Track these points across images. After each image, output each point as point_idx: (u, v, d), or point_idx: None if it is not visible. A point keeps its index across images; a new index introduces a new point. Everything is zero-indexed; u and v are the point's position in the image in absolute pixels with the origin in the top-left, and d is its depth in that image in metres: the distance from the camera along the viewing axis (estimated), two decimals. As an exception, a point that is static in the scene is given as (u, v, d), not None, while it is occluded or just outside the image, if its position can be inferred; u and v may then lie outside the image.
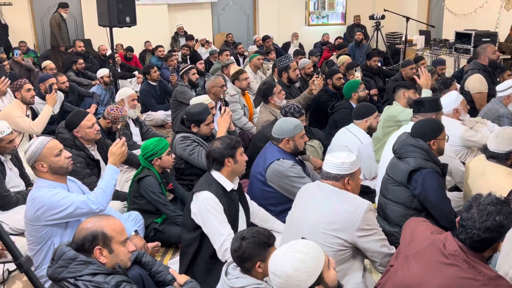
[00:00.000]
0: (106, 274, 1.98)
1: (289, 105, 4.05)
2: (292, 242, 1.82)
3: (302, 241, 1.81)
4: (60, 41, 9.75)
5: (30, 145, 2.80)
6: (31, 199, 2.75)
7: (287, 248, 1.78)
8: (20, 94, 5.05)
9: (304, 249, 1.75)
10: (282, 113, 4.03)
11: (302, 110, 4.01)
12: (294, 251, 1.75)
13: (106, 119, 4.46)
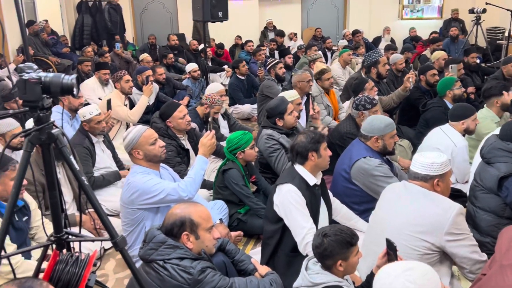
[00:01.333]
0: (192, 259, 2.08)
1: (359, 98, 3.94)
2: (409, 266, 1.60)
3: (421, 269, 1.59)
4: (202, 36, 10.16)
5: (128, 133, 3.00)
6: (127, 184, 2.95)
7: (402, 271, 1.58)
8: (120, 84, 5.41)
9: (419, 281, 1.54)
10: (353, 106, 3.94)
11: (374, 101, 3.89)
12: (408, 280, 1.54)
13: (203, 104, 4.67)
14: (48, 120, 1.68)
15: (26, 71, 1.62)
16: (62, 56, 9.69)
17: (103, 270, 3.19)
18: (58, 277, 1.76)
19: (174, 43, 9.44)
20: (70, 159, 1.72)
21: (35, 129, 1.66)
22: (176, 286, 2.01)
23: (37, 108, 1.64)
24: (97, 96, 6.27)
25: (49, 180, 1.79)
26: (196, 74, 7.13)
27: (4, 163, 2.65)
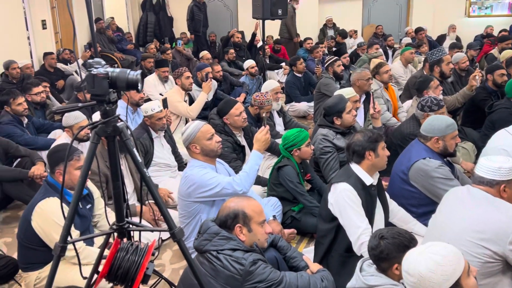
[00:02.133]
0: (244, 251, 2.11)
1: (425, 98, 3.80)
2: (430, 243, 1.76)
3: (441, 244, 1.75)
4: (294, 32, 10.32)
5: (186, 128, 3.08)
6: (184, 177, 3.04)
7: (425, 248, 1.74)
8: (180, 81, 5.55)
9: (442, 251, 1.70)
10: (418, 108, 3.80)
11: (441, 103, 3.74)
12: (432, 253, 1.70)
13: (253, 106, 4.70)
14: (114, 113, 1.76)
15: (95, 66, 1.70)
16: (127, 52, 10.08)
17: (160, 260, 3.30)
18: (119, 264, 1.84)
19: (238, 40, 9.55)
20: (133, 151, 1.79)
21: (102, 122, 1.75)
22: (229, 276, 2.05)
23: (104, 102, 1.72)
24: (158, 92, 6.47)
25: (113, 171, 1.88)
26: (254, 71, 7.18)
27: (70, 153, 2.80)
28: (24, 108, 4.78)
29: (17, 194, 3.93)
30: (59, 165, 2.82)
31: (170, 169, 4.27)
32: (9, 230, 3.83)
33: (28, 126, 4.85)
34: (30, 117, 5.01)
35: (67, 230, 1.81)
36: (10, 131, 4.53)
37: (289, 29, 10.01)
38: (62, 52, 8.19)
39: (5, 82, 6.70)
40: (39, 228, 2.74)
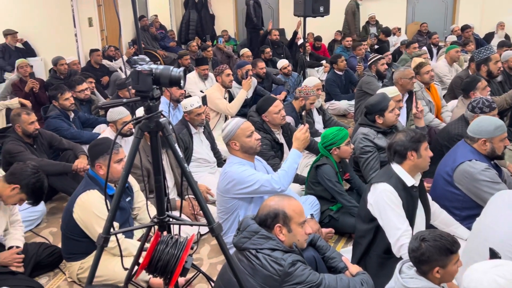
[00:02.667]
0: (284, 251, 2.10)
1: (477, 99, 3.67)
2: (498, 262, 1.65)
3: (511, 265, 1.62)
4: (353, 29, 10.30)
5: (226, 125, 3.11)
6: (223, 173, 3.07)
7: (490, 267, 1.62)
8: (221, 78, 5.61)
9: (509, 275, 1.58)
10: (469, 109, 3.68)
11: (493, 105, 3.60)
12: (497, 275, 1.58)
13: (298, 98, 4.70)
14: (157, 109, 1.80)
15: (139, 63, 1.75)
16: (169, 50, 10.27)
17: (198, 254, 3.35)
18: (159, 256, 1.88)
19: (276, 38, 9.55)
20: (175, 146, 1.83)
21: (145, 118, 1.79)
22: (267, 276, 2.05)
23: (148, 98, 1.76)
24: (199, 89, 6.56)
25: (155, 166, 1.92)
26: (287, 71, 7.16)
27: (107, 147, 2.88)
28: (71, 103, 4.95)
29: (62, 186, 4.07)
30: (99, 158, 2.90)
31: (209, 165, 4.32)
32: (54, 220, 3.98)
33: (74, 121, 5.02)
34: (77, 112, 5.18)
35: (110, 222, 1.86)
36: (57, 125, 4.70)
37: (349, 25, 9.83)
38: (107, 49, 8.43)
39: (53, 78, 6.97)
40: (80, 220, 2.83)
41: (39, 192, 2.83)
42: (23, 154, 3.90)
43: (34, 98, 6.33)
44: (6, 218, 2.95)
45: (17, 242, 3.02)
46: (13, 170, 2.81)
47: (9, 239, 3.03)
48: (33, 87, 6.37)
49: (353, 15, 9.73)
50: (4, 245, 3.02)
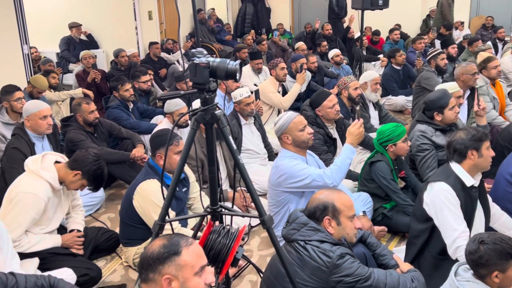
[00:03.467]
0: (332, 243, 2.10)
1: None
2: None
3: None
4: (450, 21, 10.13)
5: (279, 119, 3.12)
6: (275, 166, 3.08)
7: None
8: (275, 71, 5.61)
9: None
10: None
11: None
12: None
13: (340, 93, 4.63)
14: (213, 102, 1.83)
15: (197, 56, 1.78)
16: (225, 43, 10.39)
17: (248, 245, 3.39)
18: (211, 245, 1.92)
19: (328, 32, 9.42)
20: (229, 139, 1.86)
21: (201, 109, 1.82)
22: (315, 267, 2.05)
23: (204, 90, 1.79)
24: (253, 82, 6.60)
25: (209, 157, 1.96)
26: (339, 59, 7.05)
27: (168, 138, 2.96)
28: (131, 94, 5.13)
29: (120, 174, 4.24)
30: (160, 149, 2.99)
31: (259, 157, 4.35)
32: (113, 206, 4.16)
33: (133, 111, 5.20)
34: (136, 103, 5.36)
35: (165, 210, 1.92)
36: (117, 115, 4.89)
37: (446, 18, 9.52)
38: (166, 42, 8.65)
39: (114, 69, 7.25)
40: (139, 207, 2.94)
41: (99, 178, 2.95)
42: (84, 143, 4.09)
43: (96, 89, 6.63)
44: (69, 202, 3.11)
45: (78, 226, 3.18)
46: (76, 157, 2.95)
47: (71, 222, 3.19)
48: (95, 78, 6.66)
49: (449, 7, 9.41)
50: (66, 228, 3.19)
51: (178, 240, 1.57)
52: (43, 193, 2.77)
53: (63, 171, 2.89)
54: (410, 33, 10.49)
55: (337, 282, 2.03)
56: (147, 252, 1.55)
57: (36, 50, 7.70)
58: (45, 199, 2.78)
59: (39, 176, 2.81)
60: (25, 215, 2.71)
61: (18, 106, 4.28)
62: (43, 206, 2.79)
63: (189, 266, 1.54)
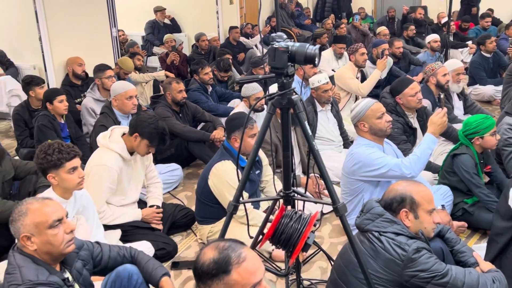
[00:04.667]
0: (408, 237, 2.03)
1: None
2: None
3: None
4: None
5: (356, 105, 3.05)
6: (350, 154, 3.03)
7: None
8: (354, 57, 5.48)
9: None
10: None
11: None
12: None
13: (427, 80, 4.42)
14: (290, 86, 1.83)
15: (277, 40, 1.78)
16: (304, 27, 10.29)
17: (319, 232, 3.38)
18: (282, 229, 1.94)
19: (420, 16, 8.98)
20: (305, 124, 1.85)
21: (278, 94, 1.83)
22: (389, 259, 2.00)
23: (282, 75, 1.79)
24: (331, 68, 6.49)
25: (284, 142, 1.96)
26: (436, 45, 6.69)
27: (243, 121, 3.00)
28: (210, 77, 5.26)
29: (199, 153, 4.39)
30: (235, 131, 3.05)
31: (333, 144, 4.30)
32: (189, 185, 4.32)
33: (212, 94, 5.34)
34: (214, 86, 5.50)
35: (240, 191, 1.96)
36: (196, 97, 5.05)
37: None
38: (245, 27, 8.73)
39: (195, 53, 7.46)
40: (214, 187, 3.03)
41: (157, 134, 3.06)
42: (169, 119, 4.29)
43: (176, 71, 6.87)
44: (143, 173, 3.30)
45: (157, 201, 3.34)
46: (132, 122, 3.13)
47: (150, 198, 3.37)
48: (174, 60, 6.90)
49: None
50: (146, 202, 3.37)
51: (230, 255, 1.41)
52: (113, 163, 2.98)
53: (127, 140, 3.08)
54: (503, 18, 9.74)
55: (411, 276, 1.98)
56: (198, 262, 1.45)
57: (124, 33, 8.09)
58: (116, 169, 2.99)
59: (109, 148, 3.03)
60: (101, 186, 2.91)
61: (109, 83, 4.59)
62: (115, 176, 2.99)
63: (239, 285, 1.40)
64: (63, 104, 4.14)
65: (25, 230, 1.83)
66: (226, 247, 1.44)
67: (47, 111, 4.15)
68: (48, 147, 2.48)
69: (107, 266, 2.17)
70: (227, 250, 1.43)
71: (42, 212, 1.85)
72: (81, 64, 5.23)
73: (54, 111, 4.15)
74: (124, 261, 2.20)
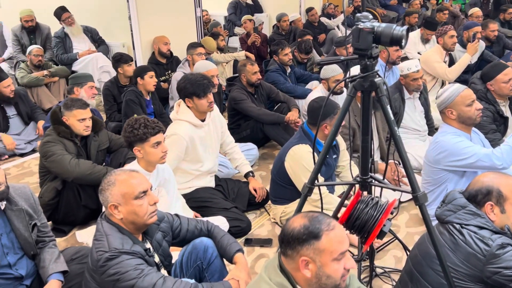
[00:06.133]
0: (493, 231, 1.92)
1: None
2: None
3: None
4: None
5: (444, 91, 2.89)
6: (434, 142, 2.90)
7: None
8: (443, 40, 5.18)
9: None
10: None
11: None
12: None
13: None
14: (373, 69, 1.77)
15: (362, 20, 1.73)
16: (389, 8, 9.89)
17: (396, 220, 3.29)
18: (357, 215, 1.91)
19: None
20: (387, 108, 1.79)
21: (360, 76, 1.78)
22: (470, 253, 1.90)
23: (366, 57, 1.74)
24: (417, 51, 6.20)
25: (364, 126, 1.92)
26: None
27: (333, 108, 2.93)
28: (289, 58, 5.24)
29: (274, 135, 4.40)
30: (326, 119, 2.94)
31: (418, 134, 4.11)
32: (264, 165, 4.37)
33: (290, 75, 5.32)
34: (293, 67, 5.46)
35: (315, 174, 1.95)
36: (275, 78, 5.06)
37: None
38: (327, 7, 8.55)
39: (275, 34, 7.45)
40: (290, 169, 3.04)
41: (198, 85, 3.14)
42: (244, 102, 4.34)
43: (256, 52, 6.90)
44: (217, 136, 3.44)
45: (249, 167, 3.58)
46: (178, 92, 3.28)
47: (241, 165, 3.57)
48: (255, 41, 6.93)
49: None
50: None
51: (320, 222, 1.50)
52: (183, 131, 3.13)
53: (190, 106, 3.20)
54: None
55: (493, 273, 1.87)
56: (288, 228, 1.52)
57: (207, 13, 8.25)
58: (185, 137, 3.13)
59: (179, 119, 3.20)
60: (170, 154, 2.97)
61: (198, 59, 4.75)
62: (184, 144, 3.13)
63: (328, 252, 1.48)
64: (153, 79, 4.40)
65: (113, 199, 1.95)
66: (316, 216, 1.53)
67: (135, 87, 4.39)
68: (135, 122, 2.62)
69: (185, 238, 2.27)
70: (317, 218, 1.52)
71: (129, 184, 1.96)
72: (167, 43, 5.42)
73: (143, 87, 4.39)
74: (201, 235, 2.28)
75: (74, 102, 3.22)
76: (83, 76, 4.16)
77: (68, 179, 3.15)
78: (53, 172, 3.17)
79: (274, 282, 1.52)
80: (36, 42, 6.24)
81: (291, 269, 1.53)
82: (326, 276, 1.49)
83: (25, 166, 4.52)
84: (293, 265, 1.52)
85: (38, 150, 3.27)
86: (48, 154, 3.12)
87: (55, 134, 3.19)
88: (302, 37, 6.15)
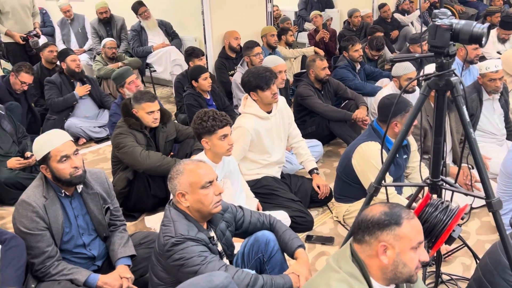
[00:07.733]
0: None
1: None
2: None
3: None
4: None
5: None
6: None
7: None
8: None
9: None
10: None
11: None
12: None
13: None
14: (450, 67, 1.70)
15: (440, 17, 1.66)
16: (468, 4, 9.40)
17: (466, 227, 3.14)
18: (425, 218, 1.84)
19: None
20: (462, 109, 1.71)
21: (436, 75, 1.71)
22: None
23: (442, 54, 1.67)
24: (496, 50, 5.85)
25: (437, 126, 1.84)
26: None
27: (405, 105, 2.84)
28: (360, 55, 5.13)
29: (340, 132, 4.34)
30: (397, 116, 2.88)
31: (496, 138, 3.88)
32: (329, 162, 4.32)
33: (359, 72, 5.21)
34: (363, 64, 5.35)
35: (383, 173, 1.91)
36: (343, 75, 4.98)
37: None
38: (402, 3, 8.27)
39: (346, 29, 7.32)
40: (357, 166, 2.98)
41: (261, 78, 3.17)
42: (311, 98, 4.31)
43: (324, 47, 6.83)
44: (285, 129, 3.48)
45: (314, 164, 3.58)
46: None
47: (306, 161, 3.56)
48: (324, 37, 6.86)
49: None
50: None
51: (400, 211, 1.52)
52: (248, 124, 3.20)
53: (255, 99, 3.25)
54: None
55: None
56: (367, 215, 1.53)
57: (277, 8, 8.25)
58: (250, 130, 3.19)
59: (245, 113, 3.27)
60: (236, 146, 3.03)
61: (257, 60, 4.75)
62: (249, 136, 3.19)
63: (407, 239, 1.48)
64: (207, 81, 4.34)
65: (181, 188, 2.02)
66: (395, 205, 1.56)
67: (192, 90, 4.39)
68: (204, 114, 2.69)
69: (247, 230, 2.30)
70: (397, 206, 1.55)
71: (196, 173, 2.03)
72: (237, 37, 5.49)
73: (199, 88, 4.39)
74: (263, 228, 2.31)
75: (143, 95, 3.35)
76: (119, 77, 4.25)
77: (139, 170, 3.29)
78: (125, 162, 3.33)
79: (345, 271, 1.52)
80: (112, 33, 6.56)
81: (366, 256, 1.53)
82: (403, 264, 1.50)
83: (100, 153, 4.79)
84: (370, 252, 1.52)
85: (111, 140, 3.45)
86: (120, 146, 3.28)
87: (126, 126, 3.34)
88: (372, 33, 6.00)
